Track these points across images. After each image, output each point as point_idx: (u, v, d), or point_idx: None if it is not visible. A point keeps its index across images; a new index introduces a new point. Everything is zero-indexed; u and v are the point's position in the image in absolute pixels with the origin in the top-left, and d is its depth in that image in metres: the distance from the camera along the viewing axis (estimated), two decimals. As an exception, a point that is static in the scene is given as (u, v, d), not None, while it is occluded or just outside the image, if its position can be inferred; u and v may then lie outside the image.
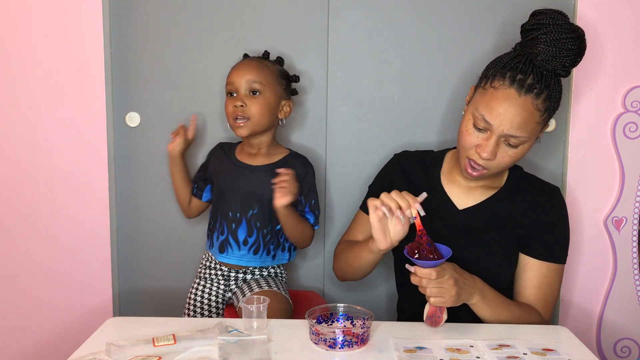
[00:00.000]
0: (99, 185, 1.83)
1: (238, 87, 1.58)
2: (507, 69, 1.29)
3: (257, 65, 1.61)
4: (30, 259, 1.87)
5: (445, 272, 1.22)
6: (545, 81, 1.27)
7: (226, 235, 1.64)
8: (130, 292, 1.91)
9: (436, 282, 1.21)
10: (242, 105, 1.57)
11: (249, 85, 1.58)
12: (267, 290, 1.59)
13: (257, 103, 1.58)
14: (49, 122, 1.81)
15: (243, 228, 1.62)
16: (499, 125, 1.27)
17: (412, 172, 1.51)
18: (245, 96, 1.58)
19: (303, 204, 1.64)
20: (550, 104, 1.29)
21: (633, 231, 1.79)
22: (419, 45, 1.79)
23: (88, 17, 1.76)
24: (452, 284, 1.22)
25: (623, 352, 1.84)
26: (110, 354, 1.12)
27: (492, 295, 1.32)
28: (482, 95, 1.32)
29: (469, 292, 1.27)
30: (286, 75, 1.67)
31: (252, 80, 1.58)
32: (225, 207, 1.64)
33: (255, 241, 1.63)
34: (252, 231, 1.62)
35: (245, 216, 1.62)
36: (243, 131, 1.59)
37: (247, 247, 1.63)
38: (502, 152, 1.31)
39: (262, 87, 1.58)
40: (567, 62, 1.28)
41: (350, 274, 1.51)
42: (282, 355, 1.15)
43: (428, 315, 1.27)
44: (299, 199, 1.63)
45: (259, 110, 1.58)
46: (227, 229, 1.64)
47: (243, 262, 1.65)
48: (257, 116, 1.58)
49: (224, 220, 1.64)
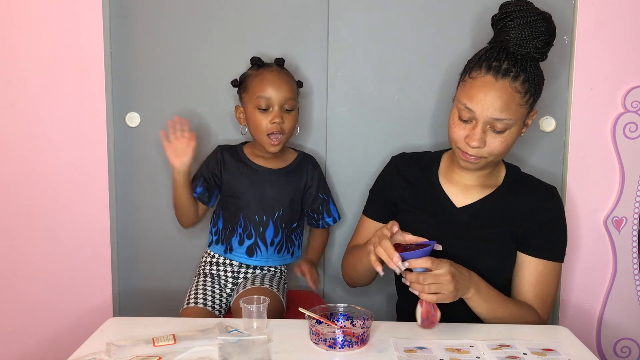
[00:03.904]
0: (99, 185, 1.83)
1: (274, 103, 1.57)
2: (482, 60, 1.33)
3: (288, 80, 1.61)
4: (30, 259, 1.87)
5: (443, 265, 1.22)
6: (520, 65, 1.30)
7: (254, 239, 1.65)
8: (130, 292, 1.91)
9: (433, 278, 1.21)
10: (281, 123, 1.58)
11: (285, 103, 1.58)
12: (259, 288, 1.59)
13: (291, 119, 1.60)
14: (49, 122, 1.81)
15: (270, 230, 1.65)
16: (481, 111, 1.30)
17: (410, 173, 1.52)
18: (282, 113, 1.58)
19: (326, 200, 1.70)
20: (530, 86, 1.31)
21: (633, 231, 1.79)
22: (418, 46, 1.79)
23: (88, 17, 1.76)
24: (450, 279, 1.21)
25: (623, 352, 1.84)
26: (110, 354, 1.12)
27: (487, 290, 1.32)
28: (462, 87, 1.36)
29: (466, 286, 1.27)
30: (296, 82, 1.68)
31: (288, 97, 1.58)
32: (248, 210, 1.64)
33: (280, 241, 1.67)
34: (278, 231, 1.66)
35: (272, 218, 1.64)
36: (278, 148, 1.61)
37: (274, 247, 1.67)
38: (491, 138, 1.32)
39: (294, 102, 1.61)
40: (539, 44, 1.32)
41: (357, 279, 1.53)
42: (282, 355, 1.15)
43: (423, 317, 1.25)
44: (321, 196, 1.69)
45: (291, 125, 1.61)
46: (254, 233, 1.65)
47: (270, 262, 1.68)
48: (289, 132, 1.62)
49: (250, 224, 1.64)
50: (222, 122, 1.82)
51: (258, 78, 1.60)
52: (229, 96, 1.80)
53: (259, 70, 1.62)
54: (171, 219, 1.87)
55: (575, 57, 1.73)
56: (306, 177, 1.69)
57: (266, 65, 1.64)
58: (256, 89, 1.58)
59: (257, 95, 1.58)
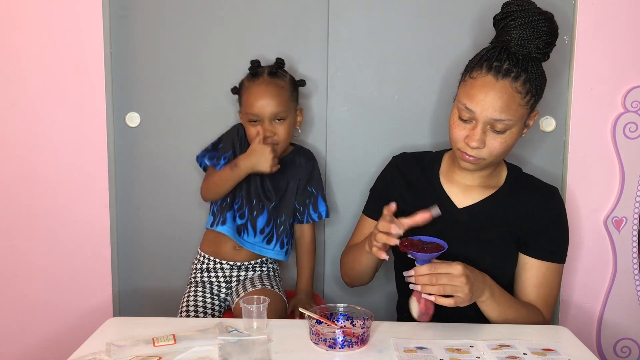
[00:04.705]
0: (99, 185, 1.83)
1: (263, 118, 1.59)
2: (483, 60, 1.32)
3: (276, 92, 1.60)
4: (30, 259, 1.87)
5: (456, 266, 1.21)
6: (521, 65, 1.30)
7: (245, 220, 1.66)
8: (130, 292, 1.91)
9: (447, 278, 1.20)
10: (272, 135, 1.60)
11: (273, 116, 1.59)
12: (261, 289, 1.60)
13: (282, 127, 1.61)
14: (49, 122, 1.81)
15: (263, 217, 1.66)
16: (481, 111, 1.29)
17: (411, 173, 1.51)
18: (270, 125, 1.60)
19: (315, 194, 1.69)
20: (531, 86, 1.30)
21: (633, 231, 1.79)
22: (418, 45, 1.79)
23: (88, 17, 1.76)
24: (465, 281, 1.20)
25: (623, 352, 1.84)
26: (110, 354, 1.12)
27: (500, 293, 1.32)
28: (463, 87, 1.36)
29: (480, 289, 1.27)
30: (295, 84, 1.68)
31: (275, 111, 1.59)
32: (248, 193, 1.66)
33: (270, 231, 1.67)
34: (269, 221, 1.66)
35: (268, 207, 1.66)
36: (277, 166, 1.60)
37: (263, 235, 1.67)
38: (491, 139, 1.32)
39: (285, 113, 1.61)
40: (541, 44, 1.31)
41: (355, 278, 1.53)
42: (282, 355, 1.15)
43: (422, 311, 1.25)
44: (309, 189, 1.68)
45: (286, 134, 1.62)
46: (247, 214, 1.66)
47: (256, 250, 1.67)
48: (284, 140, 1.63)
49: (247, 205, 1.66)
50: (222, 122, 1.82)
51: (248, 91, 1.62)
52: (229, 96, 1.80)
53: (251, 81, 1.63)
54: (171, 218, 1.87)
55: (575, 57, 1.73)
56: (298, 168, 1.69)
57: (259, 74, 1.63)
58: (246, 104, 1.62)
59: (246, 110, 1.62)
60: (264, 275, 1.69)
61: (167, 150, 1.85)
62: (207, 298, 1.65)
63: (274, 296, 1.59)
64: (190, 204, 1.86)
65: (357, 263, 1.46)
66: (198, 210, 1.86)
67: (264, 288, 1.61)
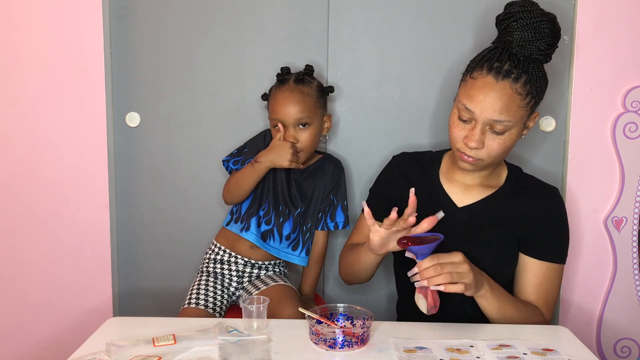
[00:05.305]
0: (99, 185, 1.83)
1: (286, 124, 1.59)
2: (484, 60, 1.32)
3: (300, 98, 1.60)
4: (30, 259, 1.87)
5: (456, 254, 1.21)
6: (522, 67, 1.29)
7: (272, 226, 1.67)
8: (130, 292, 1.91)
9: (452, 266, 1.20)
10: (295, 142, 1.60)
11: (297, 122, 1.59)
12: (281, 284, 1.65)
13: (306, 134, 1.61)
14: (49, 122, 1.81)
15: (289, 223, 1.67)
16: (481, 112, 1.29)
17: (411, 172, 1.51)
18: (294, 131, 1.60)
19: (335, 204, 1.70)
20: (532, 87, 1.30)
21: (633, 231, 1.79)
22: (418, 45, 1.79)
23: (88, 17, 1.76)
24: (468, 267, 1.21)
25: (623, 352, 1.84)
26: (110, 354, 1.12)
27: (498, 289, 1.32)
28: (463, 87, 1.35)
29: (480, 281, 1.27)
30: (323, 90, 1.68)
31: (299, 117, 1.59)
32: (275, 199, 1.67)
33: (295, 238, 1.69)
34: (295, 228, 1.68)
35: (294, 214, 1.67)
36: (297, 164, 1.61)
37: (289, 242, 1.68)
38: (490, 140, 1.32)
39: (309, 119, 1.61)
40: (542, 46, 1.30)
41: (354, 276, 1.53)
42: (282, 355, 1.15)
43: (430, 305, 1.24)
44: (331, 197, 1.70)
45: (309, 140, 1.62)
46: (274, 221, 1.67)
47: (282, 255, 1.69)
48: (308, 147, 1.62)
49: (273, 211, 1.67)
50: (221, 122, 1.82)
51: (274, 98, 1.63)
52: (229, 96, 1.80)
53: (277, 88, 1.64)
54: (171, 218, 1.87)
55: (575, 57, 1.73)
56: (326, 176, 1.70)
57: (286, 81, 1.63)
58: (271, 109, 1.63)
59: (271, 116, 1.63)
60: (274, 274, 1.72)
61: (167, 150, 1.85)
62: (217, 289, 1.66)
63: (290, 291, 1.63)
64: (191, 204, 1.86)
65: (356, 263, 1.46)
66: (198, 210, 1.86)
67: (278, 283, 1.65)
